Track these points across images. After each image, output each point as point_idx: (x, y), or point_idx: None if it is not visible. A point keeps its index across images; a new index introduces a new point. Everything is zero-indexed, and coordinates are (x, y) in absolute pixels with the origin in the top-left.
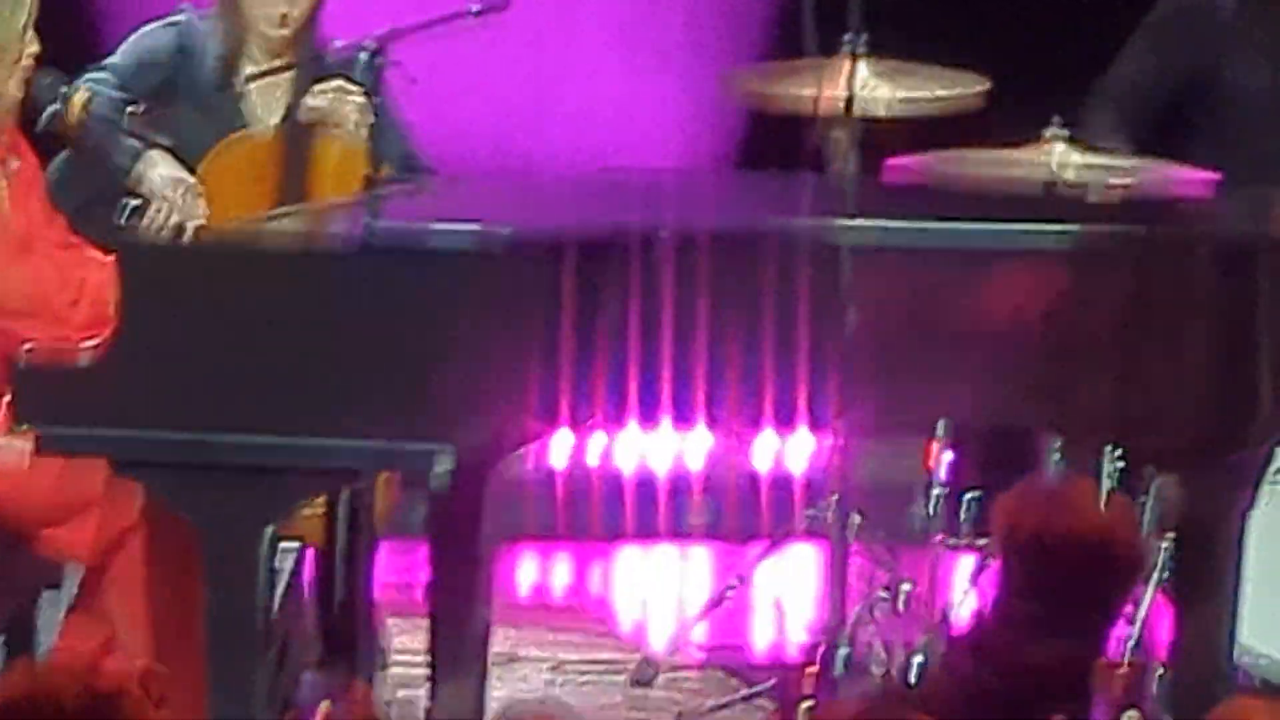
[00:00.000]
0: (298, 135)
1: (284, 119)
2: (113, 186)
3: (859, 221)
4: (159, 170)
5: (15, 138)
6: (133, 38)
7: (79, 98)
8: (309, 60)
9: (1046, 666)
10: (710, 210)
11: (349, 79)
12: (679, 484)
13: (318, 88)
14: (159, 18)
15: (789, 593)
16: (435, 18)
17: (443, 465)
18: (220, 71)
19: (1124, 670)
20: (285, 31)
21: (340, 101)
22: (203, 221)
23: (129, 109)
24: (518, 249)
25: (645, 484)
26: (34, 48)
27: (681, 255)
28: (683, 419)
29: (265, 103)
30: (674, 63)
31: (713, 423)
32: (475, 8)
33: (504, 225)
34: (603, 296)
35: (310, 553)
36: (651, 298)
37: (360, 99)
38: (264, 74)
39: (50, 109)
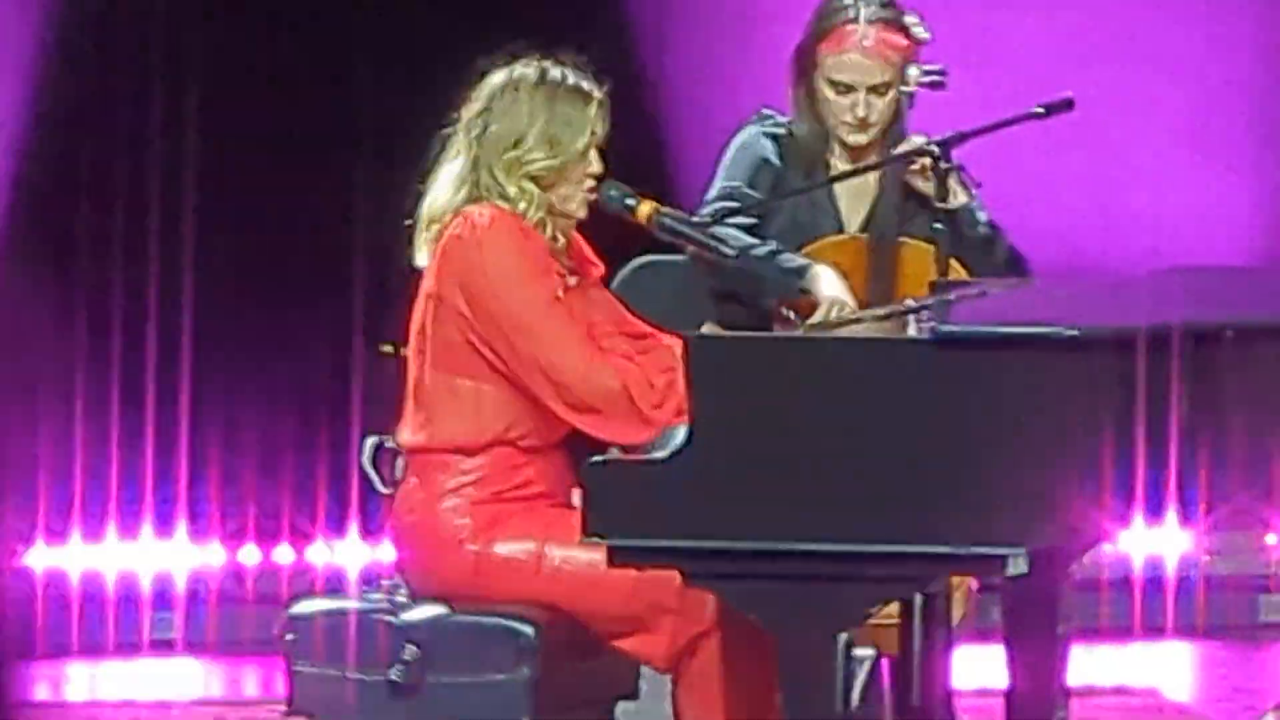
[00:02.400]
0: (882, 240)
1: (866, 224)
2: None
3: None
4: (826, 285)
5: (576, 252)
6: (735, 149)
7: (645, 209)
8: (887, 161)
9: None
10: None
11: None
12: (1249, 580)
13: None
14: (737, 126)
15: None
16: (1001, 120)
17: (1016, 568)
18: (805, 170)
19: None
20: (864, 137)
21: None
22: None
23: (693, 217)
24: (1089, 344)
25: (1215, 579)
26: (596, 168)
27: (1249, 351)
28: (1255, 516)
29: (852, 206)
30: (1242, 159)
31: None
32: (1041, 109)
33: (1074, 323)
34: (1172, 392)
35: (886, 660)
36: (1221, 394)
37: (955, 179)
38: (843, 176)
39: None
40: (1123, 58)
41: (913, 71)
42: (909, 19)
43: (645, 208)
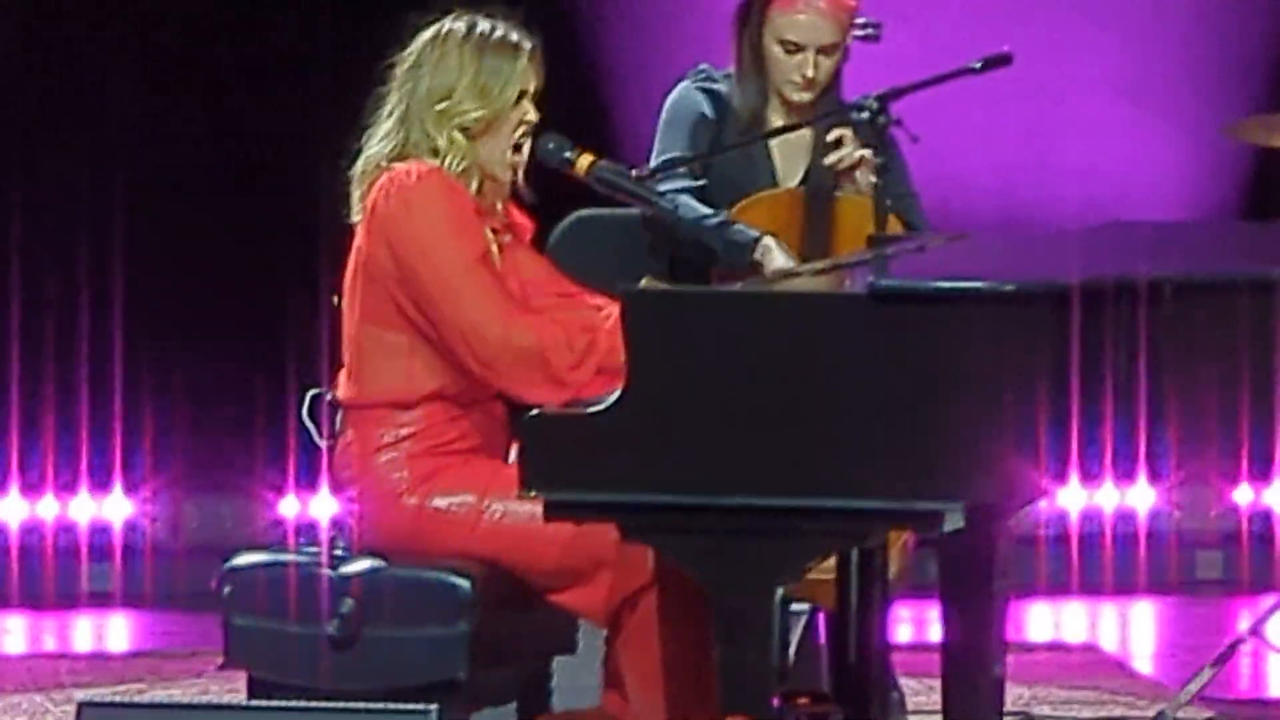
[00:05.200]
0: (818, 195)
1: (804, 179)
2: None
3: None
4: (777, 259)
5: (508, 209)
6: (671, 107)
7: (584, 162)
8: (821, 118)
9: None
10: (1215, 260)
11: (856, 133)
12: (1188, 537)
13: (831, 144)
14: (674, 83)
15: None
16: (938, 75)
17: (952, 523)
18: (745, 131)
19: None
20: (808, 95)
21: (852, 158)
22: None
23: (633, 171)
24: (1026, 299)
25: (1155, 536)
26: (531, 117)
27: (1188, 304)
28: (1194, 472)
29: (788, 162)
30: (1176, 114)
31: (1224, 477)
32: (978, 64)
33: (1011, 278)
34: (1110, 348)
35: (822, 615)
36: (1158, 349)
37: (867, 154)
38: (781, 131)
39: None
40: (1058, 10)
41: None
42: None
43: (584, 161)
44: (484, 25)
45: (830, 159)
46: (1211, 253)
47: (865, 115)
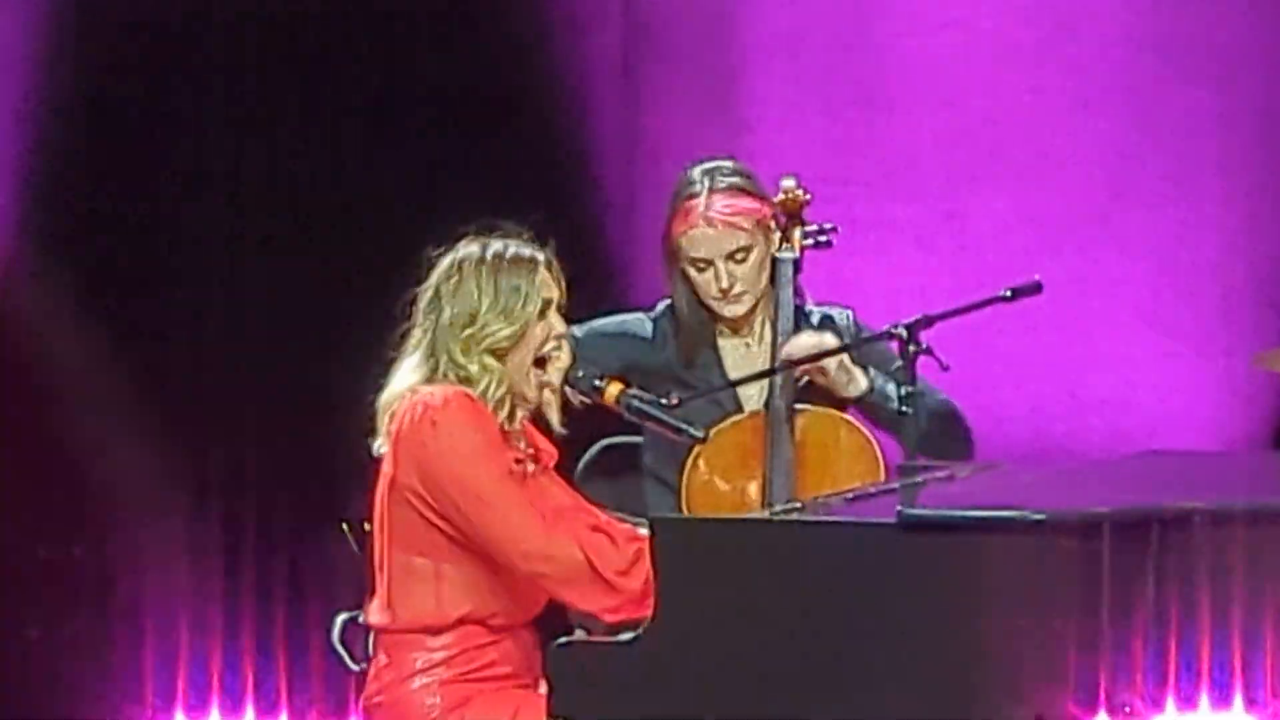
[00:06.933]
0: (776, 415)
1: (765, 404)
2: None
3: None
4: None
5: (532, 436)
6: (614, 317)
7: (613, 390)
8: (844, 347)
9: None
10: (1246, 490)
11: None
12: None
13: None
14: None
15: None
16: (969, 303)
17: None
18: (688, 352)
19: None
20: (737, 308)
21: (821, 364)
22: None
23: (663, 401)
24: (1055, 529)
25: None
26: (559, 328)
27: (1218, 535)
28: (1221, 701)
29: (747, 387)
30: (1208, 345)
31: (1250, 704)
32: (1008, 293)
33: (1040, 507)
34: (1139, 577)
35: None
36: (1189, 578)
37: (828, 339)
38: (749, 379)
39: (583, 396)
40: (1090, 240)
41: (796, 234)
42: (786, 183)
43: (613, 389)
44: (496, 245)
45: (784, 352)
46: (1243, 483)
47: (895, 343)
